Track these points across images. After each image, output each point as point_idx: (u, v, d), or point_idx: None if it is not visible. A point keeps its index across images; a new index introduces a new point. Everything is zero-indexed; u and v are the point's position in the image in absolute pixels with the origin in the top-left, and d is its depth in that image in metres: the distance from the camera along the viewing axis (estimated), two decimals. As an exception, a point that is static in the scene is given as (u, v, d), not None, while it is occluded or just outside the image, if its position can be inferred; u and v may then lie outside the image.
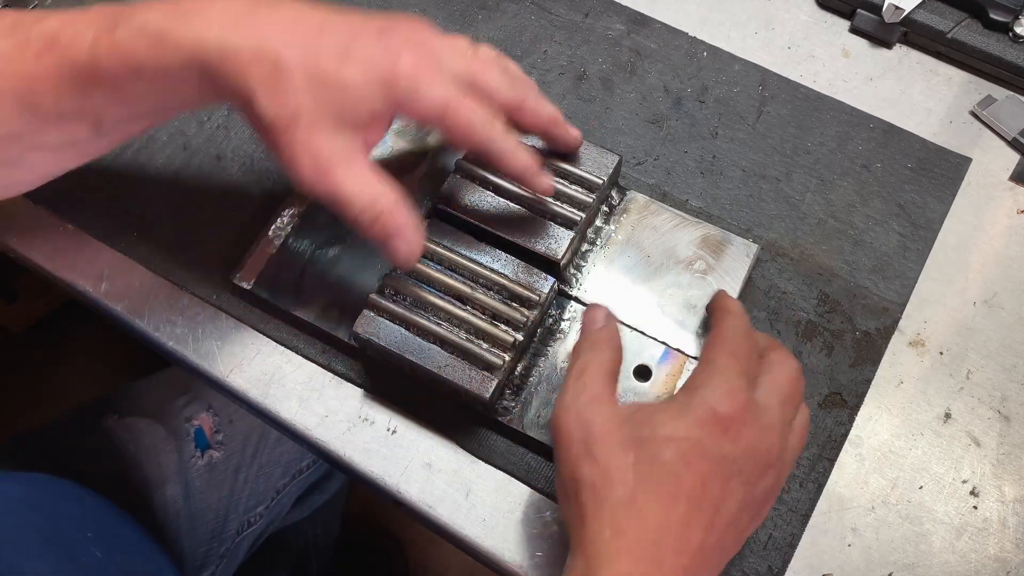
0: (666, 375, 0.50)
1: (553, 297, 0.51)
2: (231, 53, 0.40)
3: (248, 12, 0.41)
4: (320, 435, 0.52)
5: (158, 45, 0.40)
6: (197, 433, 0.75)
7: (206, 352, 0.55)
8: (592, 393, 0.42)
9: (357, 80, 0.41)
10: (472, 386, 0.47)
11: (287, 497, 0.83)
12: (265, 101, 0.40)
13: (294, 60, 0.40)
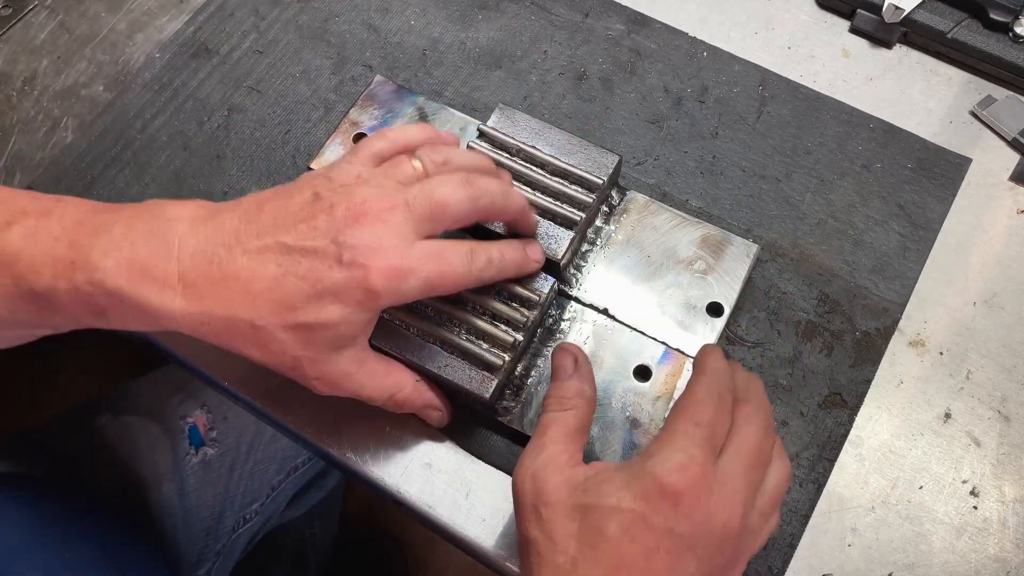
0: (666, 375, 0.50)
1: (553, 297, 0.51)
2: (203, 322, 0.40)
3: (205, 271, 0.40)
4: (316, 434, 0.52)
5: (119, 304, 0.40)
6: (191, 430, 0.74)
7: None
8: (549, 455, 0.41)
9: (336, 315, 0.40)
10: (472, 386, 0.47)
11: (283, 494, 0.83)
12: (259, 355, 0.41)
13: (268, 322, 0.40)
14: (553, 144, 0.53)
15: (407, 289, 0.41)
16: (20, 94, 0.63)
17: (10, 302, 0.41)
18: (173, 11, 0.66)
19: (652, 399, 0.49)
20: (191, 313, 0.40)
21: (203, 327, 0.40)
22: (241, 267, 0.40)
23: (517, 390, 0.50)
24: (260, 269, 0.40)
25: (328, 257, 0.40)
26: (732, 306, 0.52)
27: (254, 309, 0.40)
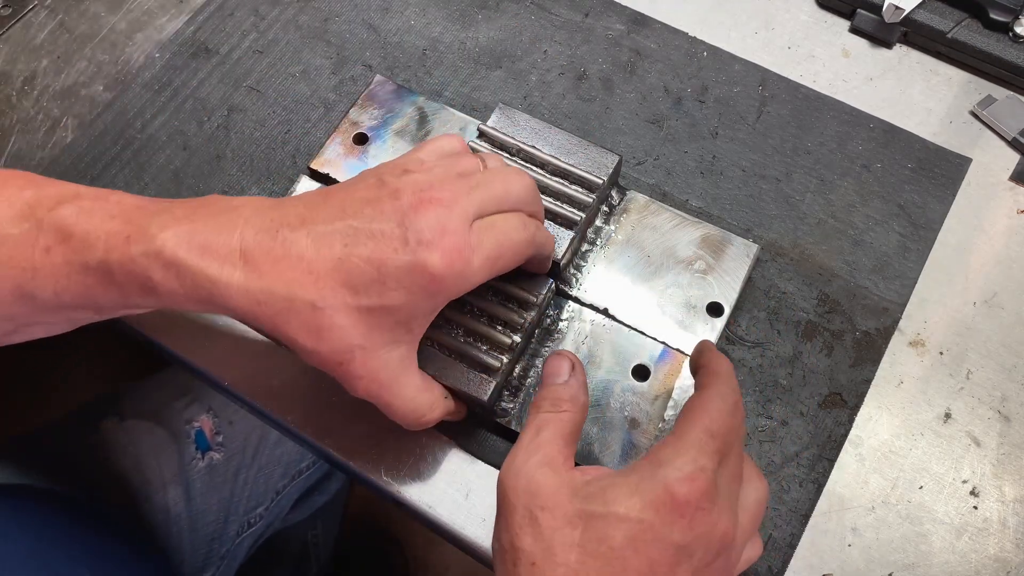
0: (664, 374, 0.50)
1: (551, 298, 0.51)
2: (261, 301, 0.39)
3: (268, 246, 0.39)
4: (317, 435, 0.52)
5: (175, 276, 0.39)
6: (197, 435, 0.75)
7: (206, 352, 0.55)
8: (546, 456, 0.39)
9: (399, 299, 0.39)
10: (470, 389, 0.47)
11: (287, 498, 0.83)
12: (311, 343, 0.39)
13: (329, 304, 0.39)
14: (553, 144, 0.53)
15: (472, 271, 0.40)
16: (20, 94, 0.63)
17: (58, 279, 0.40)
18: (173, 11, 0.66)
19: (651, 399, 0.49)
20: (250, 290, 0.38)
21: (260, 307, 0.39)
22: (306, 247, 0.39)
23: (515, 391, 0.50)
24: (325, 250, 0.39)
25: (394, 239, 0.39)
26: (732, 306, 0.52)
27: (317, 290, 0.38)
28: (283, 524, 0.88)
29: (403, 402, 0.43)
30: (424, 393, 0.44)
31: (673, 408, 0.49)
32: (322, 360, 0.40)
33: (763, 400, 0.51)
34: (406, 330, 0.41)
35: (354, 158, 0.57)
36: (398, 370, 0.42)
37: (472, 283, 0.41)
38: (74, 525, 0.63)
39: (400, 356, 0.42)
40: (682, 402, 0.48)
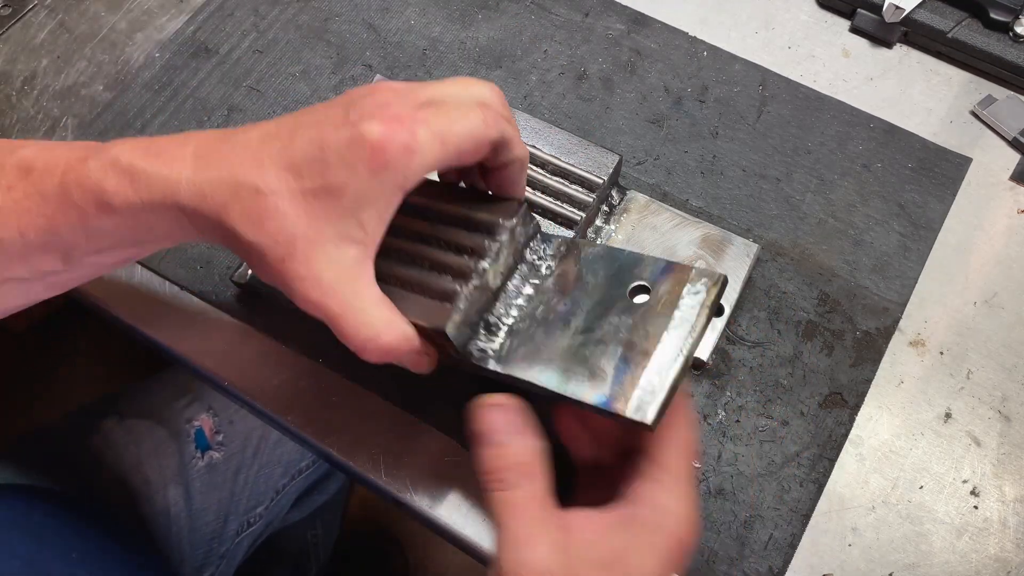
0: (667, 289, 0.40)
1: (529, 225, 0.44)
2: (207, 192, 0.37)
3: (217, 146, 0.38)
4: (317, 434, 0.52)
5: (128, 182, 0.38)
6: (198, 434, 0.75)
7: (206, 352, 0.55)
8: (525, 548, 0.36)
9: (340, 178, 0.37)
10: (429, 319, 0.40)
11: (287, 497, 0.83)
12: (253, 234, 0.37)
13: (272, 187, 0.37)
14: (553, 144, 0.53)
15: (418, 144, 0.37)
16: (20, 94, 0.63)
17: (20, 216, 0.39)
18: (173, 10, 0.66)
19: (650, 317, 0.40)
20: (196, 182, 0.37)
21: (205, 200, 0.37)
22: (254, 139, 0.38)
23: (492, 330, 0.43)
24: (272, 140, 0.38)
25: (336, 119, 0.38)
26: (732, 306, 0.52)
27: (260, 174, 0.37)
28: (283, 523, 0.88)
29: (353, 314, 0.38)
30: (380, 308, 0.39)
31: (676, 326, 0.38)
32: (264, 257, 0.38)
33: (763, 400, 0.51)
34: (356, 224, 0.37)
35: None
36: (348, 274, 0.38)
37: (422, 163, 0.37)
38: (71, 525, 0.63)
39: (352, 259, 0.38)
40: (687, 314, 0.39)
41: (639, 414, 0.36)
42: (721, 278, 0.38)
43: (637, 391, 0.36)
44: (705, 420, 0.51)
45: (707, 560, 0.48)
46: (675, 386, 0.36)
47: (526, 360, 0.41)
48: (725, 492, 0.49)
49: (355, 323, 0.38)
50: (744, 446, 0.50)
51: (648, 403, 0.36)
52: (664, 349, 0.37)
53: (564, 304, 0.42)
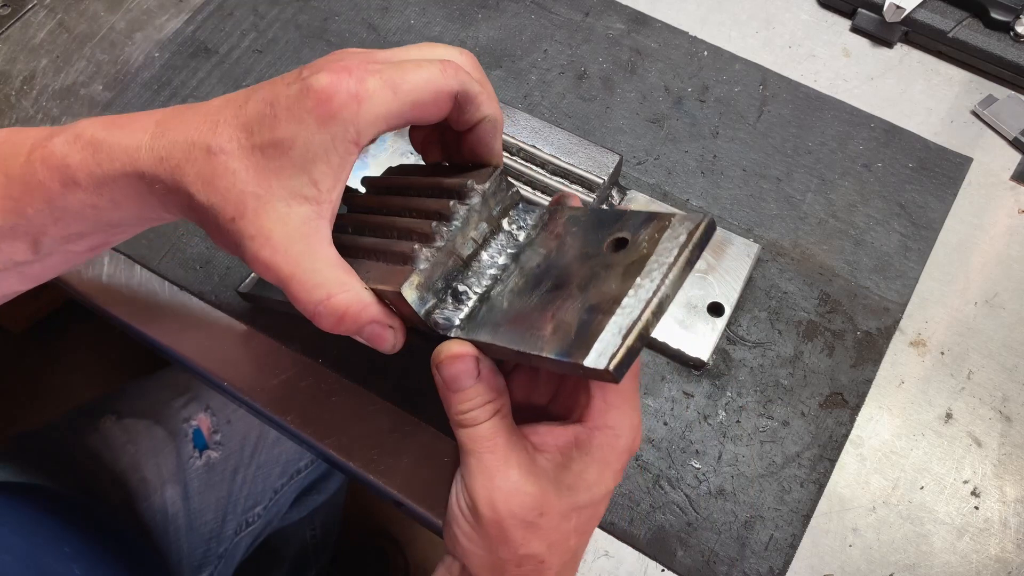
0: (646, 239, 0.37)
1: (501, 191, 0.42)
2: (164, 155, 0.37)
3: (179, 113, 0.39)
4: (317, 435, 0.52)
5: (92, 154, 0.38)
6: (195, 434, 0.75)
7: (205, 351, 0.55)
8: (509, 469, 0.38)
9: (288, 132, 0.36)
10: (387, 282, 0.38)
11: (285, 497, 0.83)
12: (205, 194, 0.37)
13: (223, 147, 0.36)
14: (553, 143, 0.53)
15: (367, 93, 0.36)
16: (19, 93, 0.63)
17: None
18: (172, 10, 0.66)
19: (626, 266, 0.36)
20: (154, 147, 0.37)
21: (162, 163, 0.37)
22: (215, 104, 0.38)
23: (462, 298, 0.40)
24: (230, 103, 0.38)
25: (290, 77, 0.37)
26: (733, 306, 0.52)
27: (213, 134, 0.37)
28: (281, 523, 0.88)
29: (304, 274, 0.37)
30: (333, 269, 0.37)
31: (649, 271, 0.35)
32: (216, 218, 0.37)
33: (764, 400, 0.51)
34: (308, 180, 0.36)
35: (354, 157, 0.56)
36: (299, 232, 0.37)
37: (372, 112, 0.36)
38: (66, 523, 0.63)
39: (302, 217, 0.37)
40: (662, 258, 0.35)
41: (599, 362, 0.32)
42: (704, 219, 0.35)
43: (599, 342, 0.33)
44: (706, 420, 0.51)
45: (707, 561, 0.47)
46: (643, 332, 0.33)
47: (490, 324, 0.39)
48: (726, 492, 0.49)
49: (307, 283, 0.37)
50: (745, 446, 0.50)
51: (608, 351, 0.32)
52: (634, 295, 0.34)
53: (538, 269, 0.39)
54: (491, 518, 0.38)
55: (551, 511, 0.38)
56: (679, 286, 0.34)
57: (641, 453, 0.50)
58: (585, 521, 0.40)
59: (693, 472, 0.50)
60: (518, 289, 0.39)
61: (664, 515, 0.49)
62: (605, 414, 0.40)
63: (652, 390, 0.52)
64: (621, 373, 0.32)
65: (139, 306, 0.56)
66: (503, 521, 0.38)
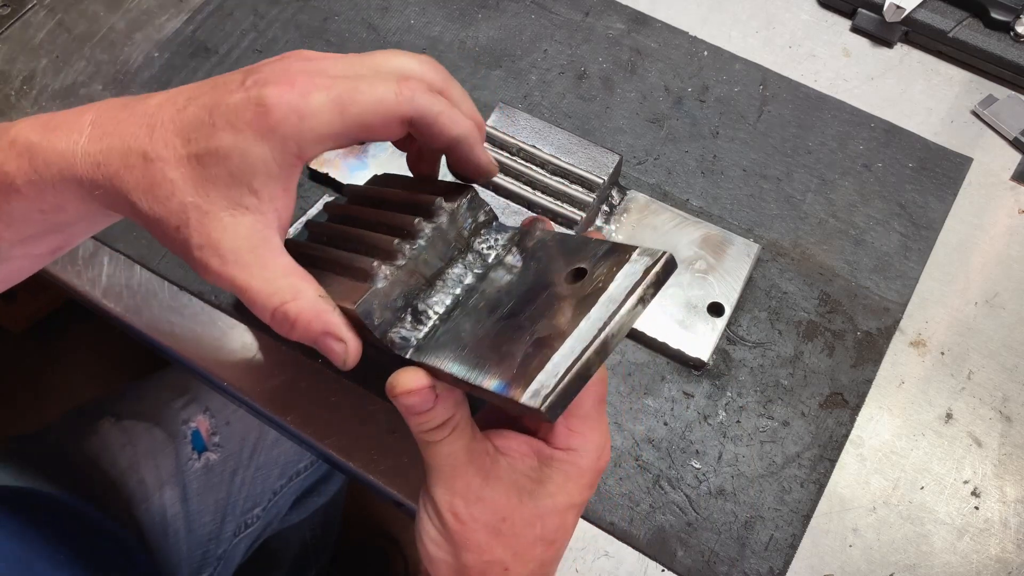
0: (604, 271, 0.35)
1: (473, 211, 0.41)
2: (100, 161, 0.36)
3: (115, 114, 0.37)
4: (316, 435, 0.52)
5: (28, 160, 0.37)
6: (194, 435, 0.74)
7: (205, 352, 0.55)
8: (474, 477, 0.38)
9: (227, 142, 0.35)
10: (345, 300, 0.37)
11: (284, 498, 0.83)
12: (146, 203, 0.36)
13: (160, 154, 0.35)
14: (553, 143, 0.53)
15: (310, 108, 0.35)
16: (19, 93, 0.63)
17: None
18: (172, 10, 0.66)
19: (579, 298, 0.35)
20: (90, 152, 0.36)
21: (99, 169, 0.36)
22: (152, 104, 0.37)
23: (418, 319, 0.39)
24: (168, 106, 0.36)
25: (232, 84, 0.36)
26: (733, 306, 0.52)
27: (150, 140, 0.35)
28: (281, 525, 0.88)
29: (258, 283, 0.36)
30: (288, 277, 0.37)
31: (599, 306, 0.33)
32: (161, 226, 0.36)
33: (764, 400, 0.51)
34: (248, 191, 0.35)
35: (353, 158, 0.57)
36: (248, 243, 0.36)
37: (315, 129, 0.35)
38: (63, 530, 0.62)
39: (250, 225, 0.36)
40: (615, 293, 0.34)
41: (533, 400, 0.31)
42: (662, 256, 0.34)
43: (540, 376, 0.32)
44: (706, 420, 0.51)
45: (707, 561, 0.47)
46: (583, 371, 0.32)
47: (443, 348, 0.38)
48: (726, 493, 0.49)
49: (261, 292, 0.36)
50: (745, 447, 0.50)
51: (543, 391, 0.31)
52: (581, 330, 0.33)
53: (499, 292, 0.39)
54: (454, 525, 0.39)
55: (514, 516, 0.38)
56: (629, 325, 0.33)
57: (641, 453, 0.50)
58: (552, 530, 0.39)
59: (693, 472, 0.49)
60: (478, 313, 0.38)
61: (664, 515, 0.49)
62: (568, 439, 0.40)
63: (652, 390, 0.52)
64: (555, 414, 0.31)
65: (139, 306, 0.56)
66: (466, 527, 0.38)
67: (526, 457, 0.40)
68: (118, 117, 0.37)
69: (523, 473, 0.39)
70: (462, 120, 0.38)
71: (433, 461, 0.38)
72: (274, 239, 0.37)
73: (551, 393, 0.31)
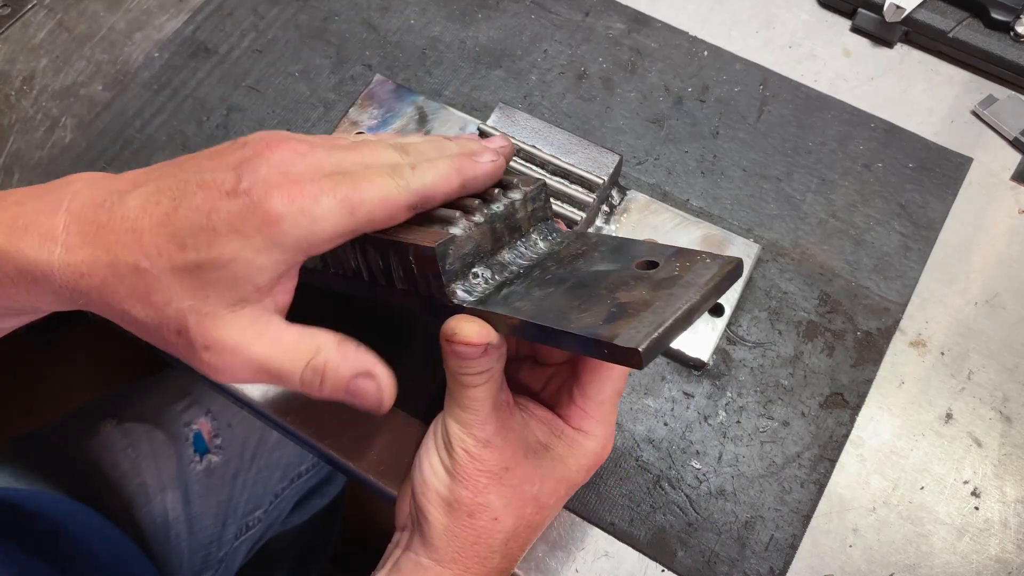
0: (678, 264, 0.37)
1: (539, 201, 0.43)
2: (84, 271, 0.35)
3: (92, 217, 0.36)
4: (320, 437, 0.52)
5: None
6: (196, 438, 0.74)
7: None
8: (491, 424, 0.39)
9: (229, 250, 0.34)
10: (422, 239, 0.38)
11: (286, 501, 0.83)
12: (142, 312, 0.35)
13: (153, 263, 0.34)
14: (553, 143, 0.53)
15: (320, 212, 0.34)
16: (19, 93, 0.63)
17: None
18: (172, 10, 0.66)
19: (655, 280, 0.37)
20: (71, 263, 0.35)
21: (83, 280, 0.35)
22: (132, 208, 0.35)
23: (482, 276, 0.41)
24: (152, 207, 0.35)
25: (226, 184, 0.35)
26: (733, 306, 0.52)
27: (140, 248, 0.34)
28: (282, 527, 0.88)
29: (277, 363, 0.36)
30: (300, 342, 0.37)
31: (681, 287, 0.35)
32: (160, 333, 0.36)
33: (764, 400, 0.51)
34: (253, 288, 0.35)
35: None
36: (251, 333, 0.36)
37: (324, 230, 0.35)
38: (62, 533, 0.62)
39: (251, 316, 0.36)
40: (694, 279, 0.35)
41: (630, 341, 0.32)
42: (736, 260, 0.36)
43: (630, 328, 0.33)
44: (706, 421, 0.51)
45: (708, 561, 0.47)
46: (671, 329, 0.33)
47: (502, 305, 0.38)
48: (726, 493, 0.49)
49: (284, 362, 0.36)
50: (745, 447, 0.50)
51: (639, 336, 0.32)
52: (665, 302, 0.34)
53: (564, 271, 0.40)
54: (461, 459, 0.40)
55: (516, 469, 0.40)
56: (707, 306, 0.35)
57: (641, 453, 0.50)
58: (547, 495, 0.41)
59: (693, 472, 0.49)
60: (540, 284, 0.39)
61: (664, 515, 0.49)
62: (582, 420, 0.42)
63: (652, 390, 0.52)
64: (649, 358, 0.32)
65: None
66: (471, 465, 0.39)
67: (541, 422, 0.42)
68: (96, 221, 0.35)
69: (534, 434, 0.41)
70: (447, 176, 0.39)
71: (459, 399, 0.39)
72: (275, 318, 0.37)
73: (646, 339, 0.32)
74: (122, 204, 0.36)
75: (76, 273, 0.35)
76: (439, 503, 0.40)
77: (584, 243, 0.42)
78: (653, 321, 0.33)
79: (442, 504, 0.40)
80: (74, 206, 0.36)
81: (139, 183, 0.36)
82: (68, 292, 0.36)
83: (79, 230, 0.35)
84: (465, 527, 0.40)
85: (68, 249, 0.35)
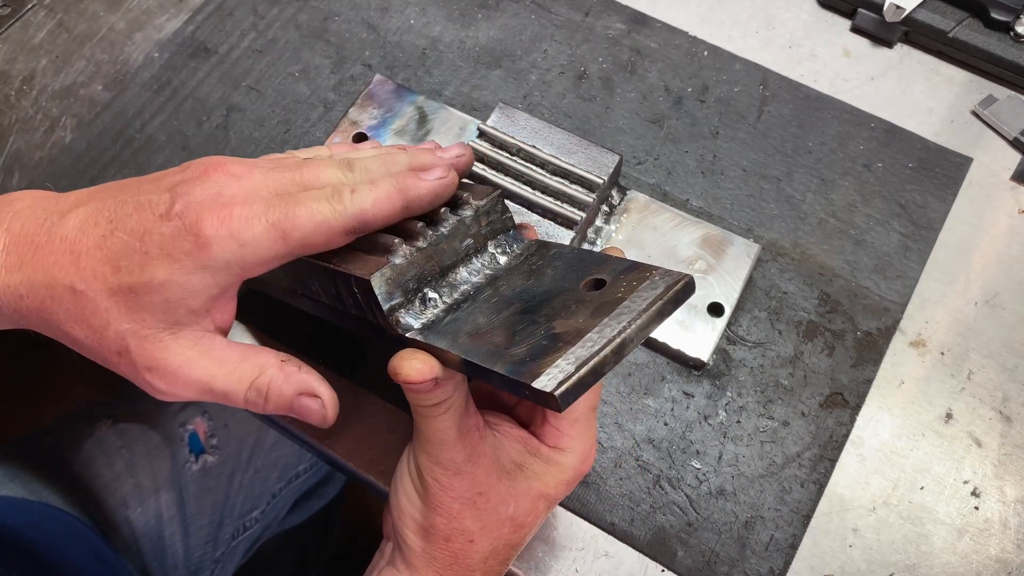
0: (624, 284, 0.36)
1: (495, 213, 0.42)
2: (22, 293, 0.35)
3: (31, 238, 0.36)
4: (319, 436, 0.52)
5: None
6: (191, 438, 0.74)
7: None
8: (460, 452, 0.38)
9: (162, 274, 0.34)
10: (360, 270, 0.38)
11: (283, 501, 0.82)
12: (81, 333, 0.36)
13: (90, 285, 0.35)
14: (553, 143, 0.53)
15: (252, 237, 0.35)
16: (19, 93, 0.63)
17: None
18: (172, 10, 0.66)
19: (598, 305, 0.35)
20: (10, 284, 0.35)
21: (22, 301, 0.35)
22: (70, 229, 0.35)
23: (429, 304, 0.40)
24: (90, 227, 0.35)
25: (160, 206, 0.35)
26: (733, 306, 0.52)
27: (76, 271, 0.35)
28: (280, 528, 0.87)
29: (221, 382, 0.37)
30: (243, 361, 0.37)
31: (618, 314, 0.34)
32: (101, 354, 0.36)
33: (764, 400, 0.51)
34: (187, 311, 0.36)
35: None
36: (193, 353, 0.36)
37: (255, 254, 0.35)
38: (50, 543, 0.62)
39: (191, 338, 0.36)
40: (634, 304, 0.34)
41: (547, 385, 0.31)
42: (684, 278, 0.35)
43: (552, 367, 0.32)
44: (706, 420, 0.51)
45: (708, 561, 0.47)
46: (598, 367, 0.32)
47: (449, 334, 0.38)
48: (726, 493, 0.49)
49: (228, 382, 0.37)
50: (745, 447, 0.50)
51: (558, 378, 0.31)
52: (598, 332, 0.33)
53: (512, 293, 0.39)
54: (432, 489, 0.39)
55: (490, 492, 0.39)
56: (645, 334, 0.34)
57: (642, 453, 0.50)
58: (523, 514, 0.40)
59: (693, 472, 0.49)
60: (488, 307, 0.39)
61: (664, 515, 0.49)
62: (557, 439, 0.41)
63: (652, 390, 0.52)
64: (567, 402, 0.31)
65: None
66: (443, 494, 0.39)
67: (514, 441, 0.41)
68: (35, 242, 0.36)
69: (507, 455, 0.40)
70: (388, 198, 0.38)
71: (424, 430, 0.39)
72: (218, 339, 0.37)
73: (565, 381, 0.31)
74: (62, 225, 0.36)
75: (15, 295, 0.36)
76: (415, 528, 0.40)
77: (542, 256, 0.41)
78: (579, 358, 0.32)
79: (418, 529, 0.40)
80: (14, 226, 0.36)
81: (81, 203, 0.37)
82: (9, 313, 0.36)
83: (18, 250, 0.36)
84: (442, 550, 0.39)
85: (7, 270, 0.36)
